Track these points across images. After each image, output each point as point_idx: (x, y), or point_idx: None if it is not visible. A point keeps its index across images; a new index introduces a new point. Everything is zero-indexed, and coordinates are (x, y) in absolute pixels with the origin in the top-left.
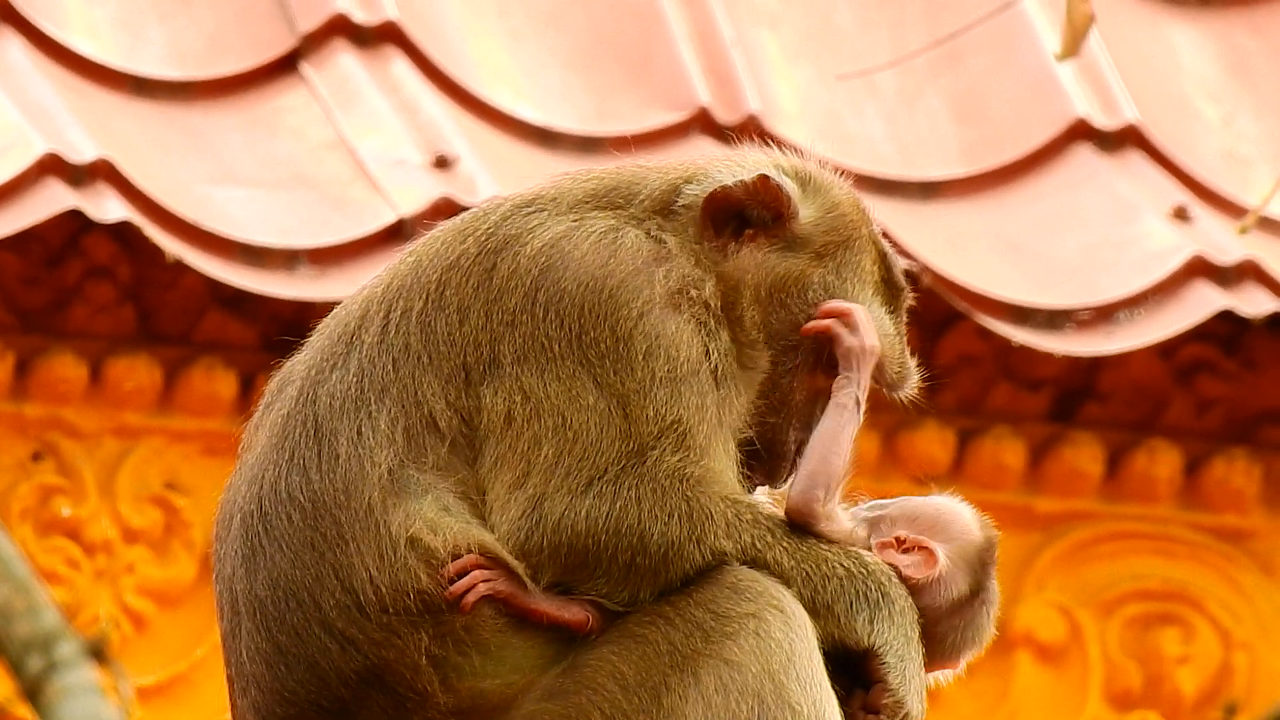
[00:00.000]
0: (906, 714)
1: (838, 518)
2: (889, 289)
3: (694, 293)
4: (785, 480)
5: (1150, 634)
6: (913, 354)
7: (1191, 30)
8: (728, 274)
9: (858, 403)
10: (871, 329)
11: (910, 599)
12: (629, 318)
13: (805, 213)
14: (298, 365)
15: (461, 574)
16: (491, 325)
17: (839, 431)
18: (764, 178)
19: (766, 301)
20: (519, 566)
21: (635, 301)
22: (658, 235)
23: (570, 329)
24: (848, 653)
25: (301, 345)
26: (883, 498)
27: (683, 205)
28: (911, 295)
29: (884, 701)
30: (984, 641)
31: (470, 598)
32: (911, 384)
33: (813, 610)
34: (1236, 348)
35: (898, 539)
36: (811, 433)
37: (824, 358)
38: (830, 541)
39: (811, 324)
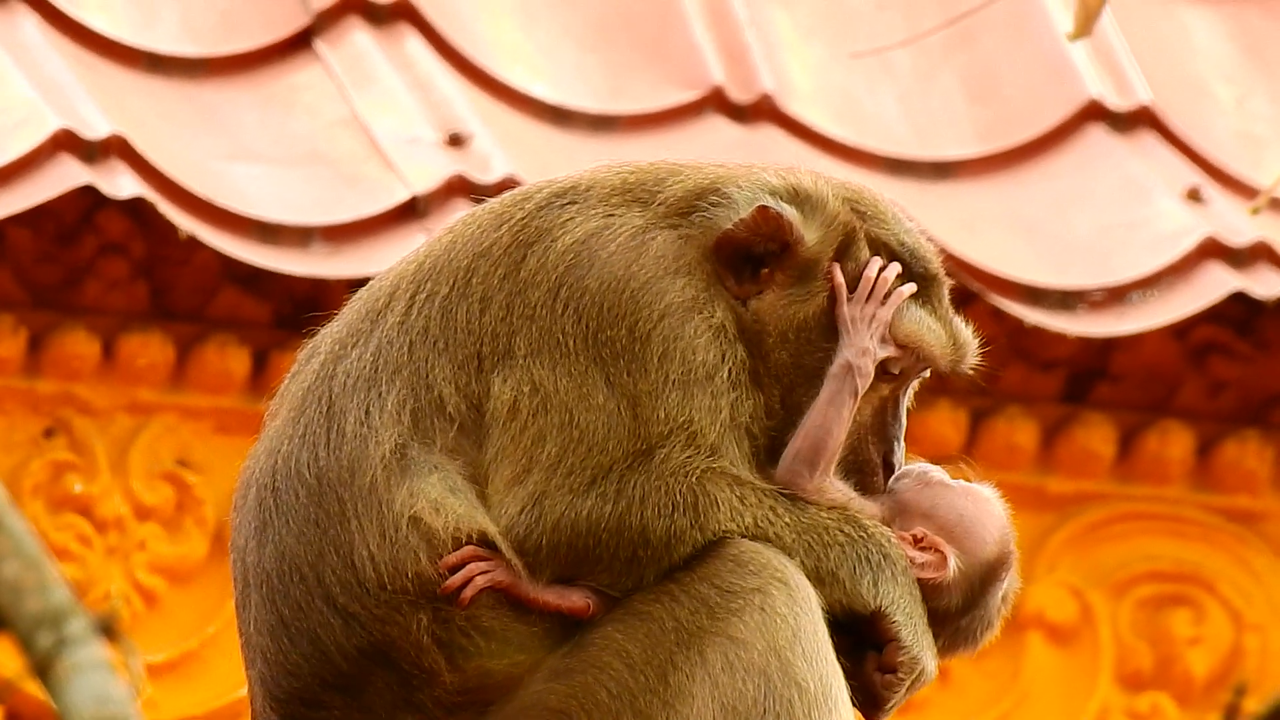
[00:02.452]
0: (922, 670)
1: (829, 491)
2: (915, 281)
3: (708, 311)
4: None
5: (1162, 615)
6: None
7: (1205, 11)
8: (749, 319)
9: (850, 369)
10: (880, 291)
11: (908, 561)
12: (649, 319)
13: (810, 235)
14: (326, 337)
15: (459, 566)
16: (511, 317)
17: (827, 406)
18: (763, 209)
19: (795, 343)
20: (517, 561)
21: (657, 304)
22: (683, 242)
23: (588, 326)
24: (855, 619)
25: (311, 324)
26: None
27: (700, 220)
28: (943, 273)
29: (900, 659)
30: (968, 650)
31: (468, 591)
32: (969, 360)
33: (818, 579)
34: (1249, 329)
35: (915, 536)
36: (890, 438)
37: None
38: (830, 508)
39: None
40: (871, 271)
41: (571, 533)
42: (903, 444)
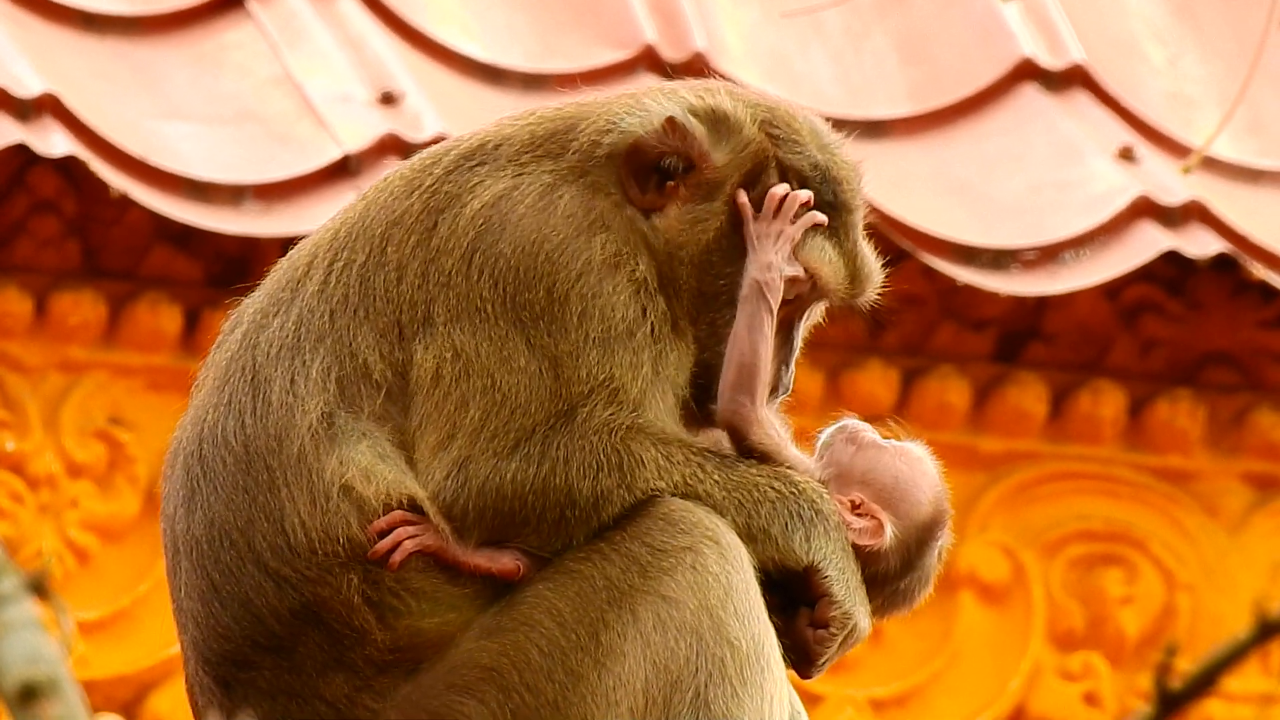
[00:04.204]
0: (855, 626)
1: (768, 422)
2: (822, 208)
3: (629, 266)
4: (772, 407)
5: (1093, 575)
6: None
7: None
8: (660, 243)
9: (759, 286)
10: (788, 209)
11: (840, 516)
12: (566, 279)
13: (718, 155)
14: (249, 306)
15: (388, 531)
16: (428, 285)
17: (747, 330)
18: (670, 120)
19: (699, 267)
20: (445, 526)
21: (574, 264)
22: (591, 192)
23: (504, 290)
24: (788, 575)
25: (247, 283)
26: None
27: (606, 156)
28: (856, 200)
29: (832, 615)
30: (905, 609)
31: (397, 556)
32: (866, 295)
33: (749, 536)
34: (1181, 289)
35: (852, 502)
36: (778, 360)
37: None
38: (762, 457)
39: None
40: (779, 190)
41: (497, 496)
42: (793, 369)
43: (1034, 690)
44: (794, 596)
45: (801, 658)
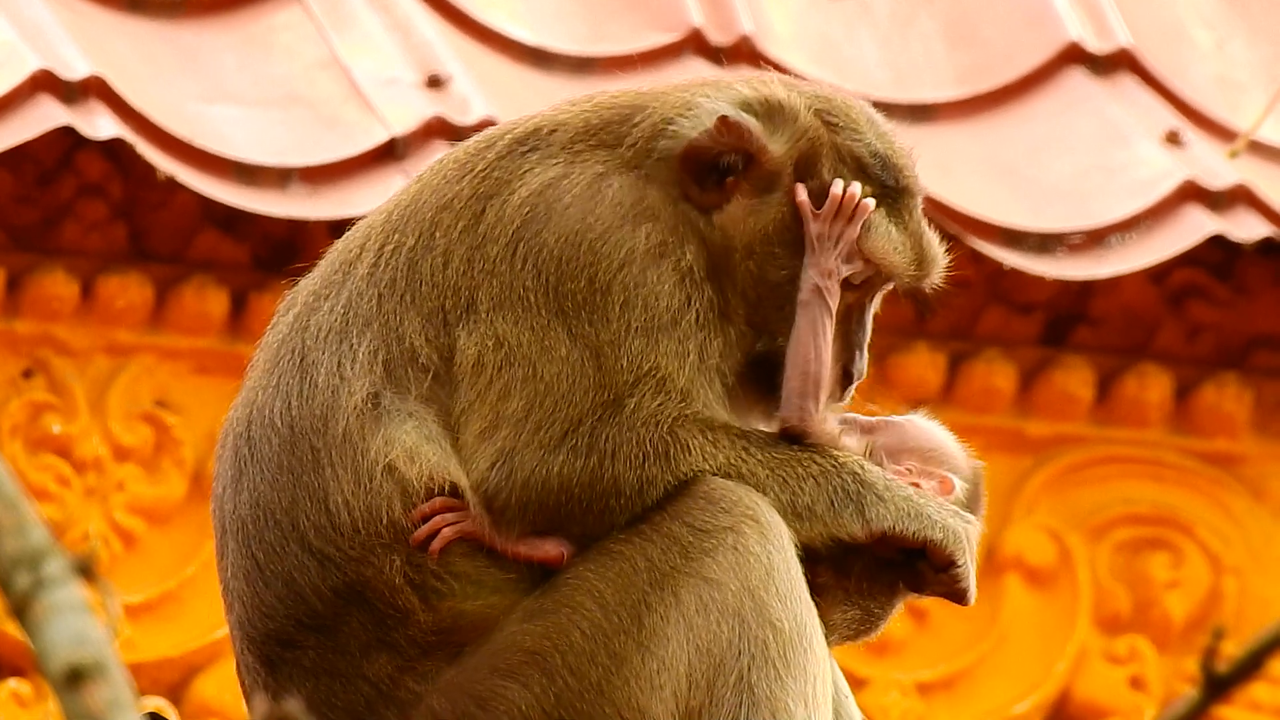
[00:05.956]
0: (964, 536)
1: (830, 423)
2: (884, 194)
3: (675, 255)
4: (847, 395)
5: (1140, 558)
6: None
7: None
8: (717, 236)
9: (818, 291)
10: (847, 208)
11: (889, 476)
12: (609, 269)
13: (775, 146)
14: (303, 288)
15: (430, 516)
16: (472, 272)
17: (808, 335)
18: (724, 119)
19: (760, 255)
20: (485, 517)
21: (617, 254)
22: (644, 183)
23: (547, 280)
24: (845, 548)
25: (294, 266)
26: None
27: (662, 153)
28: (916, 183)
29: (945, 552)
30: None
31: (436, 543)
32: (933, 277)
33: (796, 515)
34: (1228, 273)
35: (909, 469)
36: (852, 346)
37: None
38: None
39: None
40: (838, 189)
41: (542, 490)
42: (865, 353)
43: (1080, 674)
44: (898, 570)
45: (954, 597)
